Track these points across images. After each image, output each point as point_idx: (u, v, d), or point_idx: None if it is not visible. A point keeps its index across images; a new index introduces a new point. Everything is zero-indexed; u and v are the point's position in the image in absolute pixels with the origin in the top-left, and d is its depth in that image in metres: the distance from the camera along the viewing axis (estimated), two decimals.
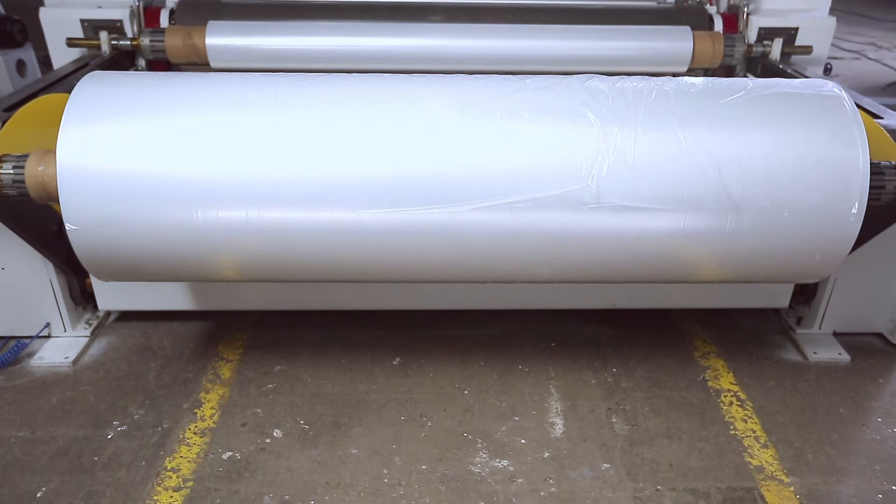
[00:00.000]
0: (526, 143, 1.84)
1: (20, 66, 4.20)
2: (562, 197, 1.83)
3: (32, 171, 1.86)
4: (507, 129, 1.85)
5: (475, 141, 1.84)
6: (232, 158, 1.82)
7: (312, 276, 2.09)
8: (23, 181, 1.86)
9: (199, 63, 3.16)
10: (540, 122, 1.86)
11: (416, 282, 2.45)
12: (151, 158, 1.80)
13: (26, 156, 1.88)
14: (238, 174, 1.82)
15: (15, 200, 1.92)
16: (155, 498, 1.94)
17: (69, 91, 2.48)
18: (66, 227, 1.83)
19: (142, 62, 3.19)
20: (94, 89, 1.89)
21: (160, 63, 3.24)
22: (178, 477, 2.01)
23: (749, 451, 2.14)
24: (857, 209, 1.86)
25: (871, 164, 1.85)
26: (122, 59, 3.13)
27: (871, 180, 1.85)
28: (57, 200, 1.81)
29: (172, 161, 1.81)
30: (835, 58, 7.00)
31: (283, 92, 1.92)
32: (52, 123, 1.83)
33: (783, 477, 2.05)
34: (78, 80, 2.66)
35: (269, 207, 1.84)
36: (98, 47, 3.07)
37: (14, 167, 1.87)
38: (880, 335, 2.69)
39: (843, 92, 1.95)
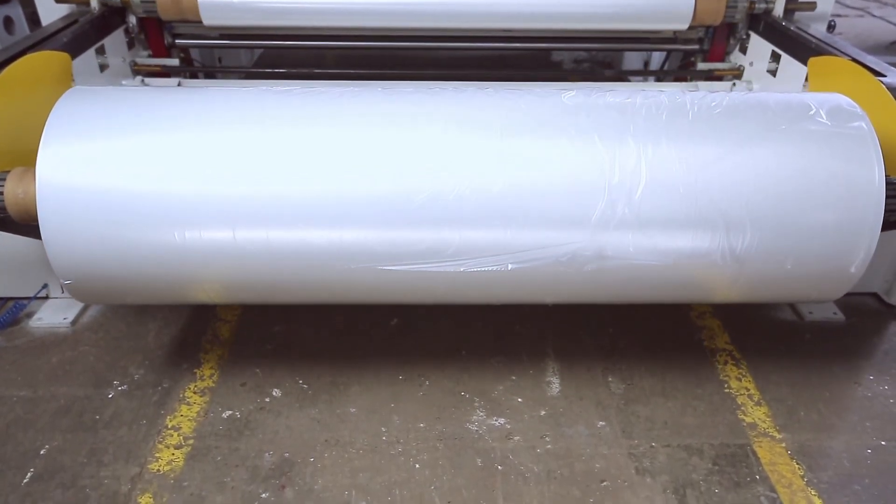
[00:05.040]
0: (527, 182, 1.78)
1: (7, 22, 4.12)
2: (561, 248, 1.80)
3: (12, 195, 1.80)
4: (510, 159, 1.78)
5: (474, 164, 1.77)
6: (219, 176, 1.75)
7: (305, 299, 2.05)
8: (3, 207, 1.83)
9: (191, 20, 3.10)
10: (546, 155, 1.80)
11: (414, 303, 2.41)
12: (133, 178, 1.73)
13: (6, 174, 1.83)
14: (225, 193, 1.74)
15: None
16: (157, 455, 1.97)
17: (58, 48, 2.45)
18: (48, 254, 1.77)
19: (132, 19, 3.12)
20: (75, 107, 1.82)
21: (151, 20, 3.17)
22: (179, 435, 2.03)
23: (742, 408, 2.17)
24: (859, 262, 1.86)
25: (886, 180, 1.81)
26: (112, 16, 3.06)
27: (885, 204, 1.82)
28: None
29: (156, 180, 1.74)
30: (838, 15, 6.88)
31: (271, 107, 1.84)
32: (41, 82, 1.79)
33: (775, 433, 2.08)
34: (67, 37, 2.63)
35: (257, 227, 1.77)
36: (87, 3, 3.00)
37: None
38: (875, 295, 2.71)
39: (867, 125, 1.86)
